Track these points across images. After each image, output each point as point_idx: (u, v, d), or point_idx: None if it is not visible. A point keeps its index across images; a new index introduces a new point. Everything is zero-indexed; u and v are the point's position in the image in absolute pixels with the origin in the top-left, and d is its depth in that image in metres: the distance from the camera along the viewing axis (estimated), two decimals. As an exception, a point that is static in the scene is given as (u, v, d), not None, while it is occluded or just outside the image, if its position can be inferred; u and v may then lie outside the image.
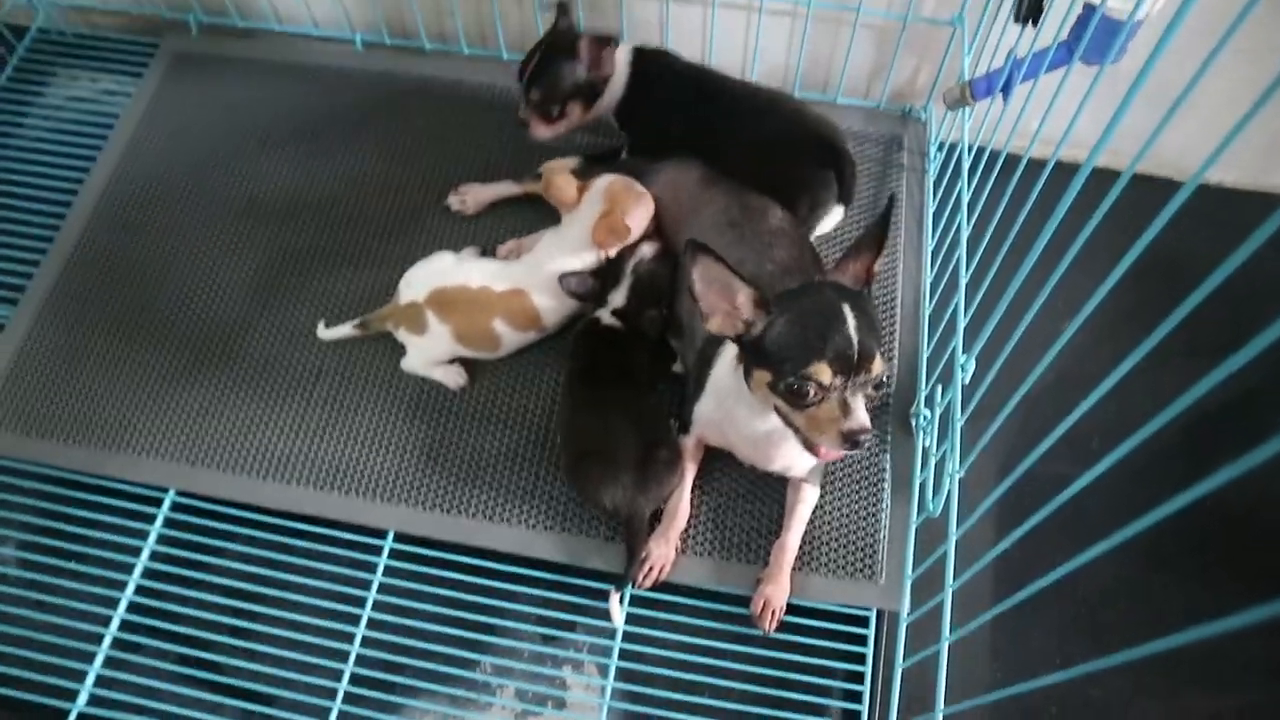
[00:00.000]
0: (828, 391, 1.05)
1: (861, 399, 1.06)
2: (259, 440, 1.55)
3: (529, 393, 1.58)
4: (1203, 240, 0.89)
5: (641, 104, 1.59)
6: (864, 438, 1.05)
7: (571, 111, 1.58)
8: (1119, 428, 0.83)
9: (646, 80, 1.58)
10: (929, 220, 1.72)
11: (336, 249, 1.74)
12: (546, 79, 1.55)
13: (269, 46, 2.05)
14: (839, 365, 1.03)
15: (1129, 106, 0.80)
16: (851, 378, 1.04)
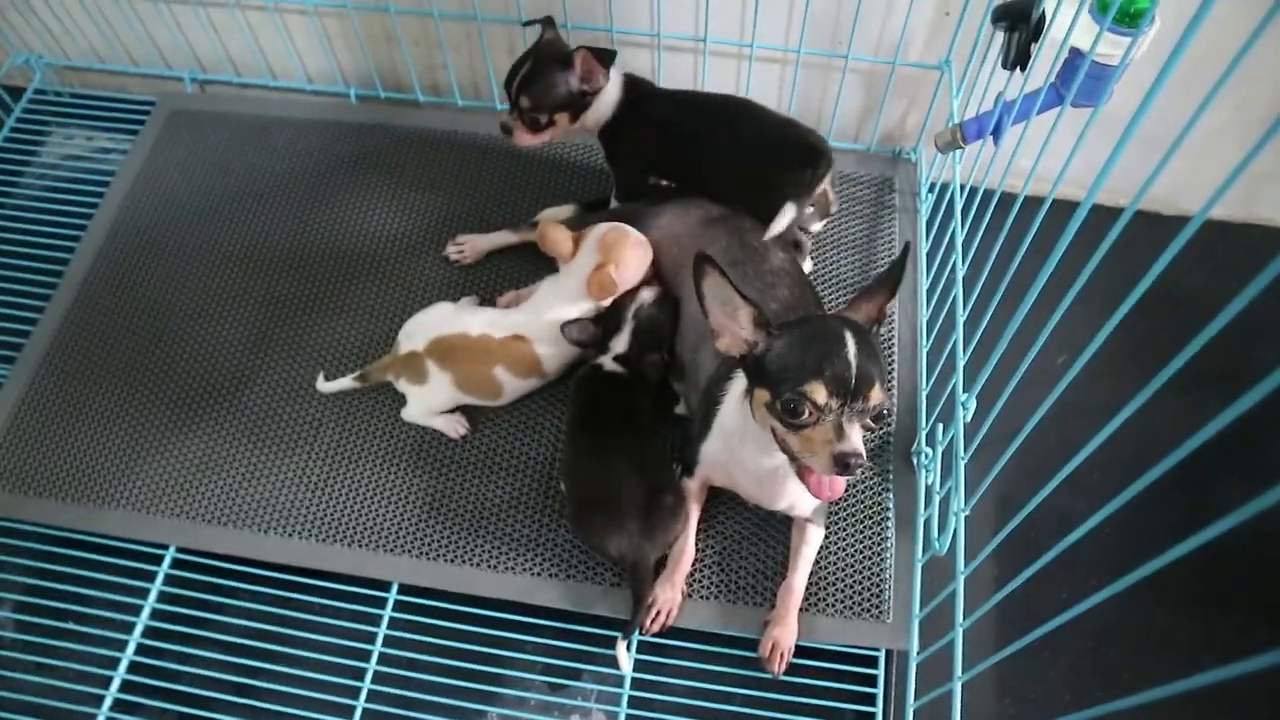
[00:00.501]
0: (822, 413, 1.06)
1: (858, 428, 1.06)
2: (260, 494, 1.55)
3: (530, 440, 1.58)
4: (1195, 272, 0.92)
5: (628, 125, 1.59)
6: (856, 462, 1.04)
7: (558, 122, 1.57)
8: (1115, 459, 0.85)
9: (636, 103, 1.59)
10: (923, 260, 1.75)
11: (334, 301, 1.75)
12: (538, 87, 1.53)
13: (264, 101, 2.09)
14: (835, 387, 1.05)
15: (1124, 147, 0.82)
16: (849, 403, 1.05)
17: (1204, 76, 0.76)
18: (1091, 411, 1.28)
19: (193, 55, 2.11)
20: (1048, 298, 1.02)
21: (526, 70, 1.53)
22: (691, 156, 1.59)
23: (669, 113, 1.60)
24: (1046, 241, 1.08)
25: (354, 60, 2.04)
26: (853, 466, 1.04)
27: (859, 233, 1.80)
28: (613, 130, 1.60)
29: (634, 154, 1.64)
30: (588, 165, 1.92)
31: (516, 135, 1.59)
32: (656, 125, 1.59)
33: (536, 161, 1.92)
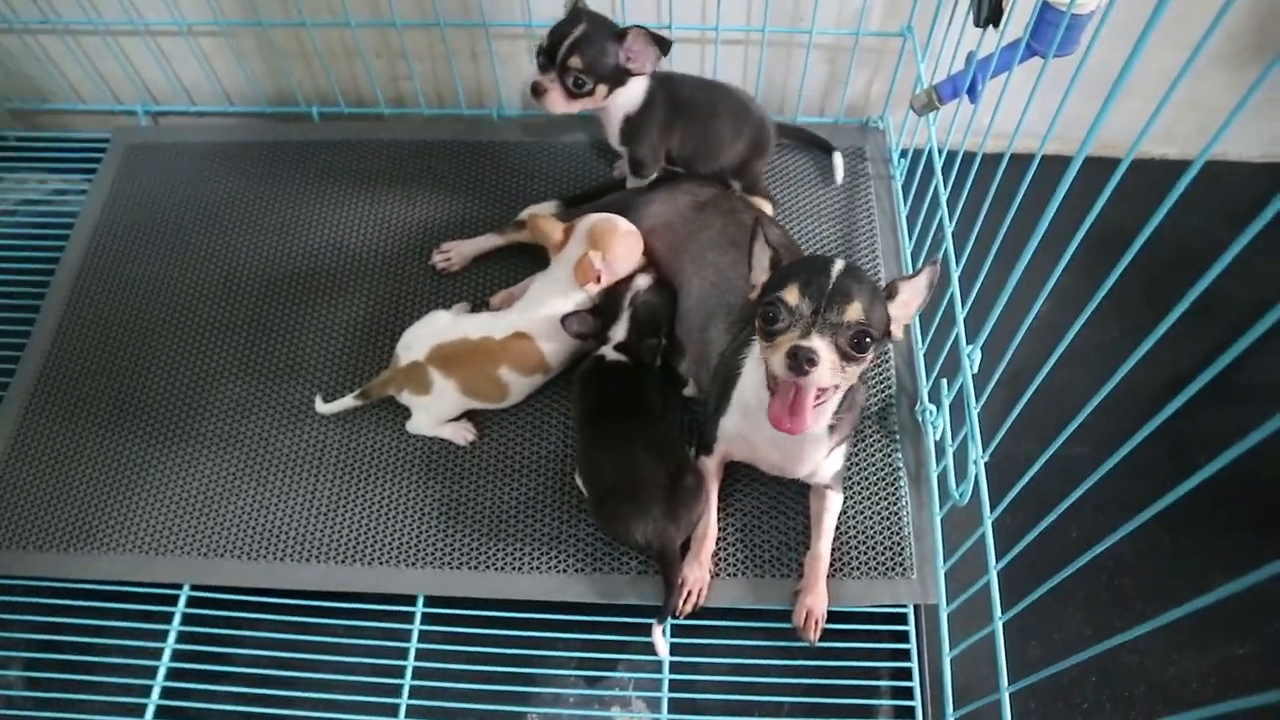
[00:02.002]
0: (794, 317, 1.08)
1: (829, 341, 1.06)
2: (271, 522, 1.54)
3: (540, 439, 1.59)
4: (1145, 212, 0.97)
5: (655, 107, 1.62)
6: (809, 360, 1.03)
7: (597, 93, 1.56)
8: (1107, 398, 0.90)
9: (664, 87, 1.63)
10: (903, 223, 1.79)
11: (324, 322, 1.74)
12: (593, 50, 1.51)
13: (224, 128, 2.07)
14: (808, 291, 1.08)
15: (1115, 99, 0.86)
16: (822, 311, 1.07)
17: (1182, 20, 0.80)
18: (1080, 356, 1.34)
19: (143, 87, 2.08)
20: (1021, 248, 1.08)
21: (581, 32, 1.50)
22: (709, 138, 1.64)
23: (694, 98, 1.65)
24: (1028, 197, 1.14)
25: (313, 78, 2.03)
26: (804, 364, 1.04)
27: (836, 203, 1.84)
28: (641, 112, 1.63)
29: (658, 137, 1.66)
30: (564, 164, 1.93)
31: (549, 98, 1.55)
32: (684, 111, 1.64)
33: (512, 162, 1.94)
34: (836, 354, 1.08)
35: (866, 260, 1.77)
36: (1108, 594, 1.58)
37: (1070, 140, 1.02)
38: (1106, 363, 0.90)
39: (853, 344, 1.08)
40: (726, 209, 1.57)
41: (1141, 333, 0.84)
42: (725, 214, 1.55)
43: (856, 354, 1.09)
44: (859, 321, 1.07)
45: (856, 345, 1.08)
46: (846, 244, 1.78)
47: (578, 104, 1.57)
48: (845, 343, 1.08)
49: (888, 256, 1.76)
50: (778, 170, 1.89)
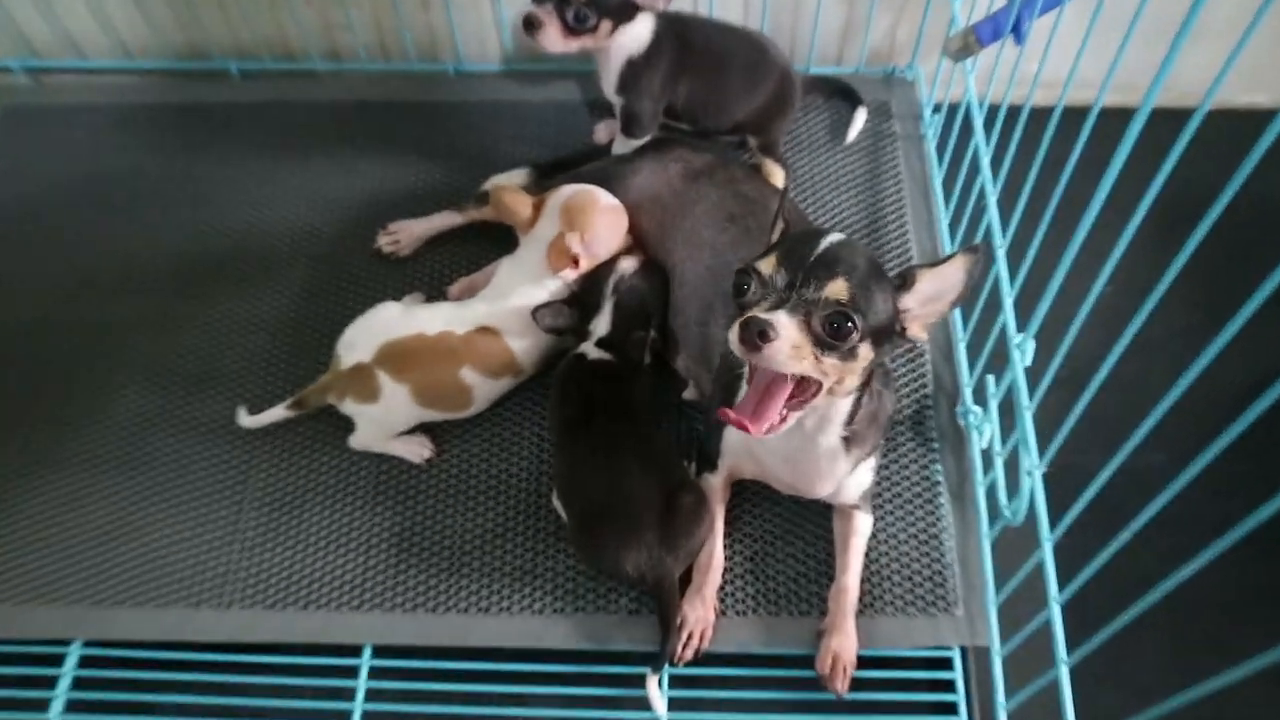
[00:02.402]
0: (766, 290, 1.07)
1: (799, 320, 1.03)
2: (184, 561, 1.51)
3: (511, 454, 1.58)
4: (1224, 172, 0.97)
5: (663, 51, 1.63)
6: (766, 336, 1.01)
7: (601, 29, 1.57)
8: (1185, 398, 0.90)
9: (674, 28, 1.64)
10: (937, 190, 1.79)
11: (246, 318, 1.73)
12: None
13: (122, 88, 2.05)
14: (787, 261, 1.06)
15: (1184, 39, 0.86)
16: (798, 286, 1.05)
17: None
18: (1153, 345, 1.33)
19: (21, 37, 2.05)
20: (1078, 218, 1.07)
21: None
22: (721, 89, 1.65)
23: (707, 41, 1.66)
24: (1086, 157, 1.13)
25: (231, 27, 2.00)
26: (755, 337, 1.01)
27: (858, 169, 1.83)
28: (646, 56, 1.63)
29: (661, 85, 1.66)
30: (535, 127, 1.93)
31: (544, 34, 1.56)
32: (695, 55, 1.64)
33: (472, 126, 1.93)
34: (807, 336, 1.04)
35: (894, 237, 1.76)
36: (1196, 629, 1.57)
37: (1135, 89, 1.02)
38: (1185, 352, 0.89)
39: (829, 328, 1.04)
40: (724, 178, 1.56)
41: (1226, 316, 0.83)
42: (723, 185, 1.55)
43: (833, 340, 1.05)
44: (838, 301, 1.03)
45: (834, 330, 1.04)
46: (871, 218, 1.77)
47: (576, 42, 1.57)
48: (820, 325, 1.04)
49: (920, 231, 1.76)
50: (790, 131, 1.88)
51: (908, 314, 1.12)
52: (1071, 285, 1.15)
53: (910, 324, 1.13)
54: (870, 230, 1.77)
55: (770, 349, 1.02)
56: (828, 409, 1.19)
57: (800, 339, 1.03)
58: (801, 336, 1.03)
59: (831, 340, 1.04)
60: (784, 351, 1.02)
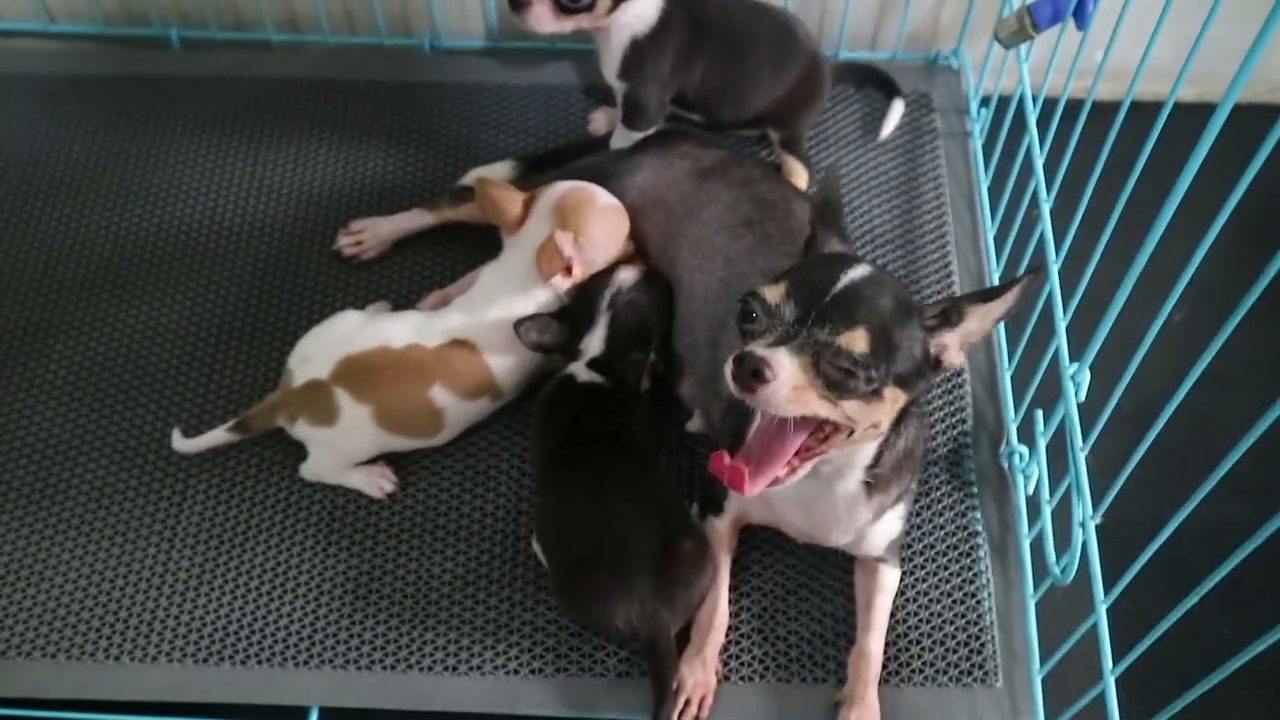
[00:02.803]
0: (771, 321, 1.08)
1: (802, 362, 1.04)
2: (103, 606, 1.53)
3: (486, 490, 1.60)
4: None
5: (670, 30, 1.66)
6: (761, 378, 1.01)
7: (599, 7, 1.59)
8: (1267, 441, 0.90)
9: (681, 10, 1.67)
10: (983, 198, 1.82)
11: (183, 325, 1.75)
12: None
13: (44, 55, 2.09)
14: (797, 294, 1.07)
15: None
16: (809, 324, 1.05)
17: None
18: (1229, 378, 1.35)
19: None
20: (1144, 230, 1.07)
21: None
22: (741, 74, 1.69)
23: (726, 18, 1.69)
24: (1155, 160, 1.15)
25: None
26: (749, 376, 1.02)
27: (893, 169, 1.87)
28: (653, 36, 1.66)
29: (671, 69, 1.70)
30: (521, 114, 1.97)
31: (532, 13, 1.58)
32: (712, 34, 1.68)
33: (449, 111, 1.96)
34: (815, 378, 1.05)
35: (932, 250, 1.79)
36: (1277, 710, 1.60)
37: (1216, 82, 1.02)
38: (1268, 386, 0.93)
39: (840, 376, 1.05)
40: (739, 178, 1.59)
41: None
42: (737, 185, 1.57)
43: (847, 389, 1.07)
44: (853, 355, 1.05)
45: (843, 381, 1.06)
46: (906, 227, 1.81)
47: (571, 22, 1.60)
48: (832, 369, 1.05)
49: (963, 243, 1.79)
50: (816, 125, 1.92)
51: (947, 348, 1.14)
52: (1135, 308, 1.16)
53: (946, 355, 1.14)
54: (905, 242, 1.80)
55: (766, 391, 1.02)
56: (850, 454, 1.21)
57: (804, 381, 1.04)
58: (806, 379, 1.04)
59: (845, 388, 1.06)
60: (782, 394, 1.03)
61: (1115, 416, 1.22)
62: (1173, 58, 1.18)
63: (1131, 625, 1.14)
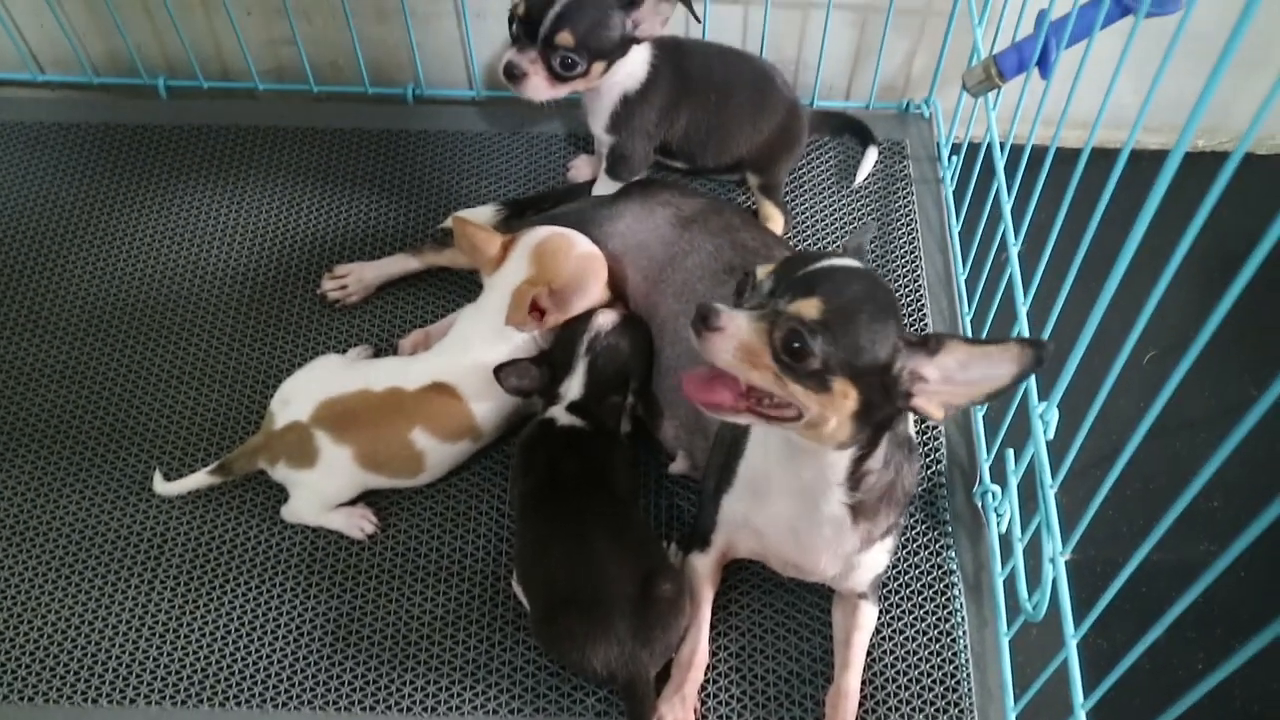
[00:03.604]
0: (753, 295, 1.15)
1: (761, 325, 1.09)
2: (80, 648, 1.52)
3: (466, 531, 1.61)
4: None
5: (659, 84, 1.70)
6: (710, 324, 1.09)
7: (592, 73, 1.63)
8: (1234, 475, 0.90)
9: (671, 57, 1.70)
10: (955, 241, 1.85)
11: (166, 368, 1.76)
12: (587, 20, 1.57)
13: (31, 104, 2.11)
14: (779, 273, 1.14)
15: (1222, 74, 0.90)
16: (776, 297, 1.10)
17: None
18: (1196, 417, 1.38)
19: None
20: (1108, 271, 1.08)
21: (575, 4, 1.56)
22: (723, 122, 1.73)
23: (708, 70, 1.73)
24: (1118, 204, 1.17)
25: (160, 39, 2.07)
26: (699, 321, 1.09)
27: (868, 214, 1.90)
28: (642, 91, 1.70)
29: (657, 121, 1.73)
30: (503, 162, 1.99)
31: (527, 83, 1.61)
32: (695, 86, 1.71)
33: (431, 159, 1.99)
34: (767, 347, 1.09)
35: (907, 291, 1.82)
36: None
37: (1175, 129, 1.05)
38: (1232, 426, 0.90)
39: (787, 345, 1.09)
40: (720, 225, 1.61)
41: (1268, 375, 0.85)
42: (719, 233, 1.60)
43: (789, 359, 1.09)
44: (802, 318, 1.08)
45: (791, 349, 1.09)
46: (880, 270, 1.83)
47: (566, 88, 1.64)
48: (780, 339, 1.09)
49: (935, 285, 1.82)
50: (792, 171, 1.95)
51: (922, 383, 1.13)
52: (1102, 348, 1.17)
53: (923, 396, 1.13)
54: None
55: (711, 339, 1.09)
56: (820, 459, 1.22)
57: (758, 345, 1.09)
58: (760, 343, 1.09)
59: (787, 359, 1.09)
60: (727, 349, 1.09)
61: (1087, 456, 1.23)
62: (1134, 107, 1.20)
63: (1104, 662, 1.14)
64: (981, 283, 1.72)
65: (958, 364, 1.11)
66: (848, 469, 1.23)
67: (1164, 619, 1.01)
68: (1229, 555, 0.90)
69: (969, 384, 1.12)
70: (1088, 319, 1.17)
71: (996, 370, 1.10)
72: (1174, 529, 1.02)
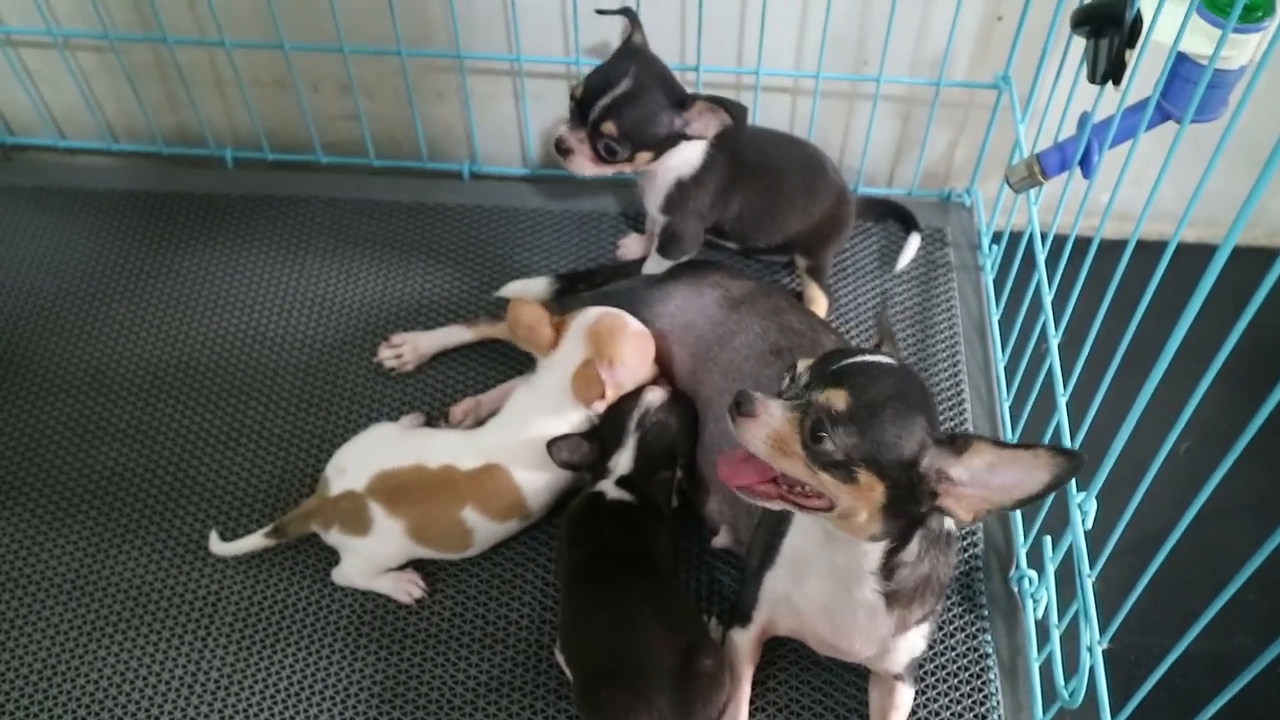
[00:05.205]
0: (792, 387, 1.19)
1: (793, 415, 1.13)
2: (138, 704, 1.54)
3: (512, 598, 1.62)
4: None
5: (713, 170, 1.74)
6: (744, 410, 1.14)
7: (637, 160, 1.68)
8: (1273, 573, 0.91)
9: (726, 143, 1.73)
10: (994, 330, 1.87)
11: (225, 431, 1.80)
12: (634, 115, 1.63)
13: (104, 170, 2.18)
14: (817, 366, 1.18)
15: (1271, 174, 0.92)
16: (811, 389, 1.14)
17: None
18: (1234, 511, 1.38)
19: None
20: (1149, 364, 1.11)
21: (624, 91, 1.62)
22: (775, 204, 1.78)
23: (763, 155, 1.78)
24: (1160, 298, 1.19)
25: (229, 113, 2.14)
26: (735, 407, 1.15)
27: (910, 300, 1.93)
28: (697, 176, 1.75)
29: (711, 204, 1.78)
30: (556, 238, 2.04)
31: (574, 159, 1.68)
32: (749, 171, 1.76)
33: (486, 234, 2.04)
34: (798, 436, 1.13)
35: (946, 378, 1.84)
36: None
37: (1217, 225, 1.06)
38: (1270, 522, 0.92)
39: (812, 433, 1.13)
40: (768, 308, 1.65)
41: None
42: (766, 315, 1.63)
43: (814, 446, 1.13)
44: (829, 409, 1.12)
45: (815, 437, 1.12)
46: (920, 355, 1.86)
47: (610, 169, 1.69)
48: (810, 427, 1.12)
49: (974, 373, 1.84)
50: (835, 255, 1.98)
51: (949, 483, 1.13)
52: (1141, 440, 1.18)
53: (950, 497, 1.13)
54: (919, 369, 1.85)
55: (746, 425, 1.15)
56: (853, 548, 1.24)
57: (789, 434, 1.14)
58: (791, 432, 1.13)
59: (814, 447, 1.12)
60: (760, 436, 1.14)
61: (1122, 545, 1.24)
62: (1175, 201, 1.24)
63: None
64: (1021, 371, 1.73)
65: (986, 466, 1.11)
66: (880, 560, 1.25)
67: (1205, 712, 1.02)
68: (1270, 653, 0.92)
69: (999, 489, 1.11)
70: (1127, 411, 1.18)
71: (1028, 477, 1.08)
72: (1210, 621, 1.03)
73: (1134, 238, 1.32)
